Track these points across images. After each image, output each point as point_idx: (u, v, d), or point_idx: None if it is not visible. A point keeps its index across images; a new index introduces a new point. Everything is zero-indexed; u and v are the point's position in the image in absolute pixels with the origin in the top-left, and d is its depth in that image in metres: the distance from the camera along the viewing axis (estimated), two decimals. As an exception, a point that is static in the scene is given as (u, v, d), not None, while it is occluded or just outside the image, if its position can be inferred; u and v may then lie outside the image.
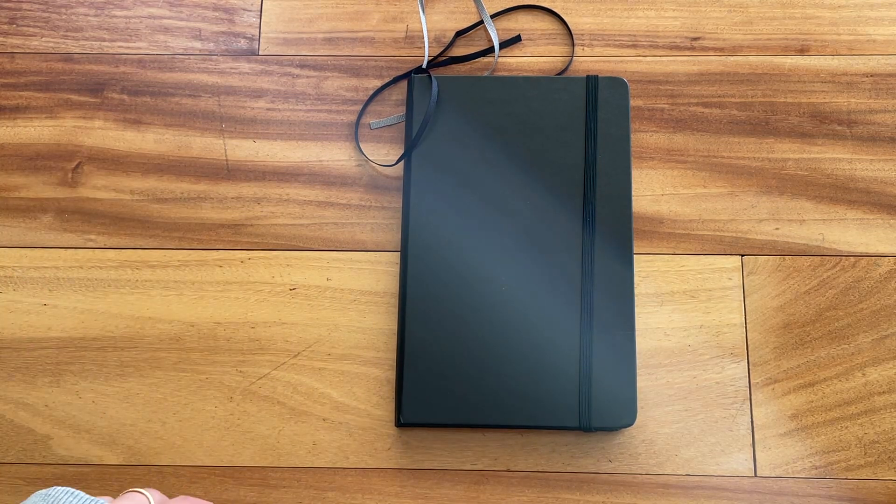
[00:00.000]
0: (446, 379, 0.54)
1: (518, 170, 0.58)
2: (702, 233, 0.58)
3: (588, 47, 0.63)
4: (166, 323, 0.57)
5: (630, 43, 0.63)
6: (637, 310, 0.56)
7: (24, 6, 0.65)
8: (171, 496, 0.54)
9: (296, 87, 0.62)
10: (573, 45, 0.63)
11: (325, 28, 0.64)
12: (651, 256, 0.58)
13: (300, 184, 0.60)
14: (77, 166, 0.61)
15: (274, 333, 0.57)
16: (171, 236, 0.59)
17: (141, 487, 0.37)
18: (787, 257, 0.58)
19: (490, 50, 0.63)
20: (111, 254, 0.59)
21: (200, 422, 0.55)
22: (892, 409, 0.55)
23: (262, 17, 0.64)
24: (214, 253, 0.59)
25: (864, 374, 0.55)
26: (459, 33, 0.63)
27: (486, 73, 0.62)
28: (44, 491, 0.35)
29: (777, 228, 0.58)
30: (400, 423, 0.54)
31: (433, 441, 0.55)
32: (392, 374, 0.56)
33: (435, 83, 0.59)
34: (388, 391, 0.56)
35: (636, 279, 0.57)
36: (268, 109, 0.62)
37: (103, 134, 0.61)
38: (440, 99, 0.59)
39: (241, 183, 0.60)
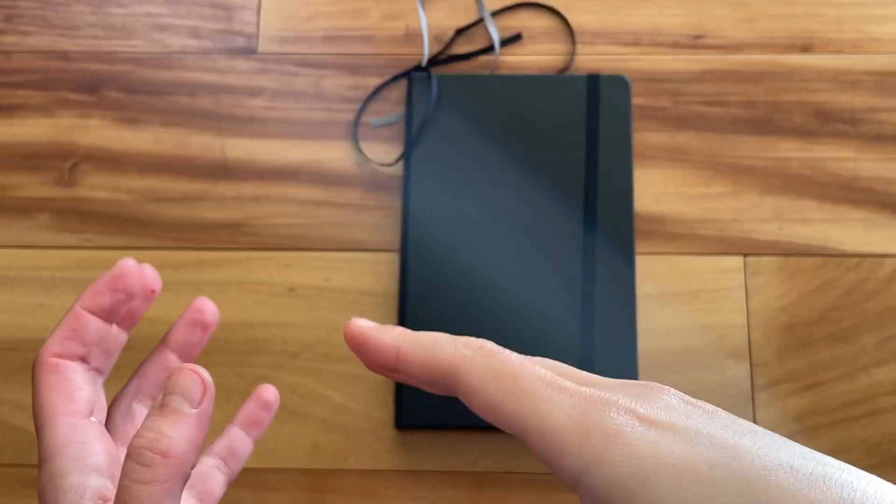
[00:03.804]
0: (446, 380, 0.53)
1: (519, 169, 0.57)
2: (704, 233, 0.58)
3: (589, 45, 0.62)
4: (164, 324, 0.57)
5: (632, 41, 0.62)
6: (639, 310, 0.56)
7: (21, 4, 0.64)
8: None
9: (294, 86, 0.62)
10: (574, 43, 0.62)
11: (324, 26, 0.63)
12: (653, 256, 0.57)
13: (299, 183, 0.60)
14: (74, 165, 0.60)
15: (272, 334, 0.56)
16: (168, 236, 0.59)
17: None
18: (790, 257, 0.57)
19: (490, 48, 0.62)
20: (108, 254, 0.58)
21: (198, 423, 0.55)
22: (897, 411, 0.54)
23: (261, 14, 0.64)
24: (212, 253, 0.58)
25: (868, 376, 0.55)
26: (459, 31, 0.63)
27: (486, 72, 0.62)
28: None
29: (780, 228, 0.58)
30: (399, 425, 0.53)
31: (433, 443, 0.54)
32: (392, 376, 0.55)
33: (435, 81, 0.59)
34: (388, 393, 0.55)
35: (638, 279, 0.57)
36: (266, 108, 0.61)
37: (100, 133, 0.61)
38: (440, 97, 0.59)
39: (239, 182, 0.60)
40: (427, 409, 0.53)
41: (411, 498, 0.53)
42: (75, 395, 0.31)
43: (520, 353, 0.26)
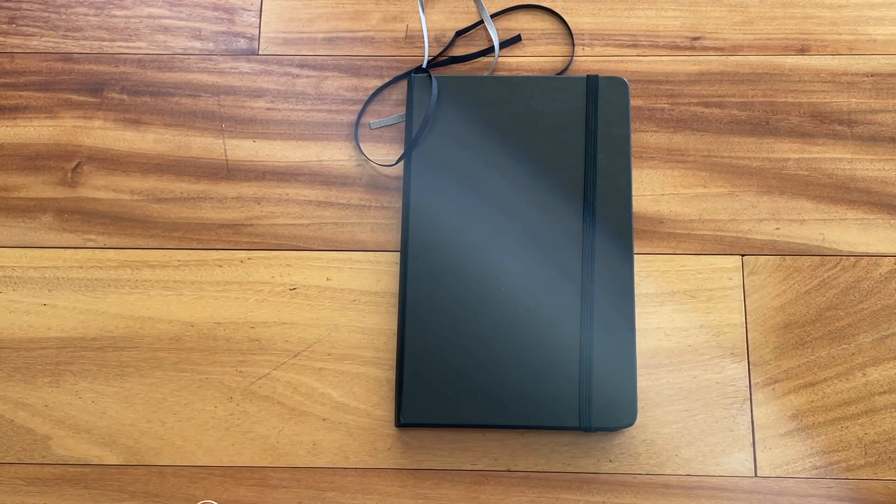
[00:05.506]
0: (446, 379, 0.54)
1: (518, 169, 0.57)
2: (702, 233, 0.58)
3: (588, 47, 0.63)
4: (166, 323, 0.57)
5: (630, 43, 0.63)
6: (637, 310, 0.56)
7: (24, 6, 0.65)
8: (170, 496, 0.54)
9: (296, 87, 0.62)
10: (573, 44, 0.63)
11: (324, 28, 0.64)
12: (651, 256, 0.58)
13: (300, 184, 0.60)
14: (77, 166, 0.61)
15: (274, 333, 0.57)
16: (170, 236, 0.59)
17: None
18: (787, 257, 0.58)
19: (490, 50, 0.63)
20: (111, 254, 0.59)
21: (200, 422, 0.55)
22: (893, 409, 0.55)
23: (262, 16, 0.64)
24: (214, 253, 0.59)
25: (864, 374, 0.55)
26: (459, 33, 0.63)
27: (486, 73, 0.62)
28: None
29: (777, 228, 0.58)
30: (400, 424, 0.54)
31: (433, 441, 0.55)
32: (392, 375, 0.56)
33: (435, 83, 0.59)
34: (388, 391, 0.56)
35: (636, 279, 0.57)
36: (268, 109, 0.62)
37: (103, 134, 0.61)
38: (440, 99, 0.59)
39: (240, 183, 0.60)
40: (427, 408, 0.53)
41: (411, 496, 0.54)
42: None
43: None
